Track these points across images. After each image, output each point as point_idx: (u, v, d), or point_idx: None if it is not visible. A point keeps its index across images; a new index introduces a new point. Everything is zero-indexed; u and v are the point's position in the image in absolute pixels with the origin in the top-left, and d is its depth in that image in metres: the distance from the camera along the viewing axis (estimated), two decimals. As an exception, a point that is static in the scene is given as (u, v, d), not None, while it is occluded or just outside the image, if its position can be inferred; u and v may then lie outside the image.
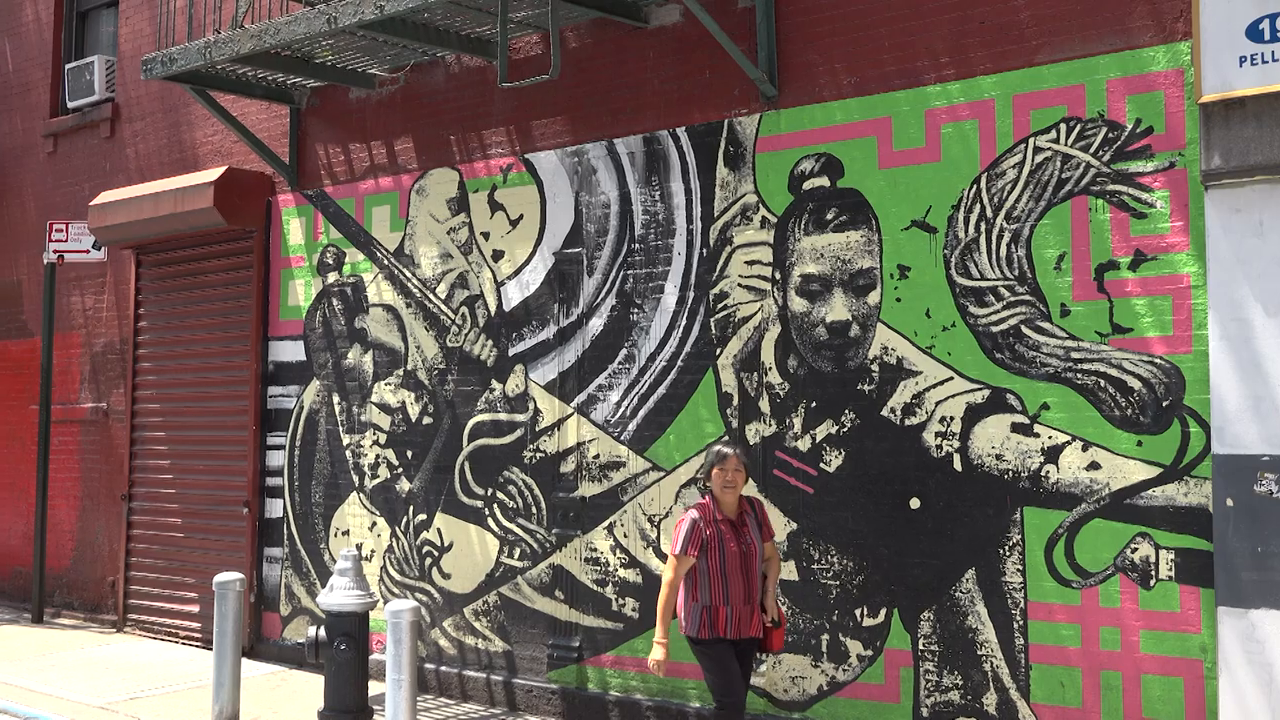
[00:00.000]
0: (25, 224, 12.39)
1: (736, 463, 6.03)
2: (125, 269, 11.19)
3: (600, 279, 7.88)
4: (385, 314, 9.05)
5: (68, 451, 11.60)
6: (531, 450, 8.12)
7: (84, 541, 11.43)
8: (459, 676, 8.37)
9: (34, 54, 12.67)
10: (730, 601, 5.96)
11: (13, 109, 12.84)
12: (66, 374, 11.67)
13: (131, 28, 11.51)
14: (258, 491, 9.80)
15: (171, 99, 10.87)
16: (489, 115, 8.54)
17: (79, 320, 11.77)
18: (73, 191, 11.80)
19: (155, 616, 10.54)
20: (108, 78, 11.63)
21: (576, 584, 7.84)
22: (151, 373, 10.91)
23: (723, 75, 7.35)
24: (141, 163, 11.24)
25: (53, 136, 12.29)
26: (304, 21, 8.05)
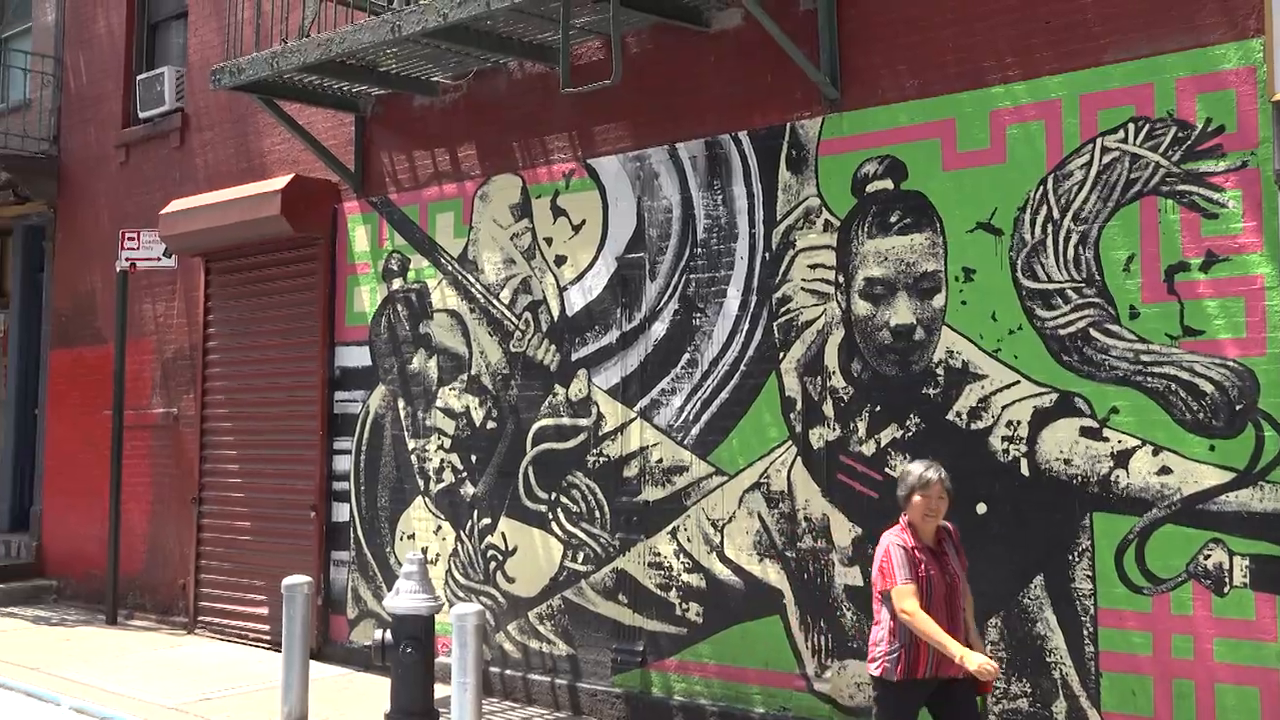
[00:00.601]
0: (99, 233, 12.63)
1: (941, 489, 5.34)
2: (195, 276, 11.36)
3: (662, 283, 7.89)
4: (449, 319, 9.12)
5: (140, 456, 11.79)
6: (594, 455, 8.14)
7: (156, 544, 11.62)
8: (523, 680, 8.40)
9: (106, 66, 12.92)
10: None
11: (86, 120, 13.09)
12: (139, 380, 11.87)
13: (200, 39, 11.70)
14: (325, 495, 9.91)
15: (239, 108, 11.03)
16: (551, 121, 8.57)
17: (151, 327, 11.97)
18: (144, 200, 12.00)
19: (225, 619, 10.69)
20: (177, 88, 11.83)
21: (640, 588, 7.85)
22: (221, 378, 11.07)
23: (784, 78, 7.32)
24: (210, 171, 11.41)
25: (125, 147, 12.52)
26: (369, 30, 8.14)
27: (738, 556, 7.40)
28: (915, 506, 5.37)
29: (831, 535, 7.01)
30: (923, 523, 5.37)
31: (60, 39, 13.52)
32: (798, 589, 7.13)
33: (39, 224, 13.73)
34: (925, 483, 5.34)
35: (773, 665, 7.19)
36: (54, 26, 13.59)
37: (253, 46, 9.49)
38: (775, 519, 7.25)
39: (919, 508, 5.36)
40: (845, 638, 6.92)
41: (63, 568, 12.92)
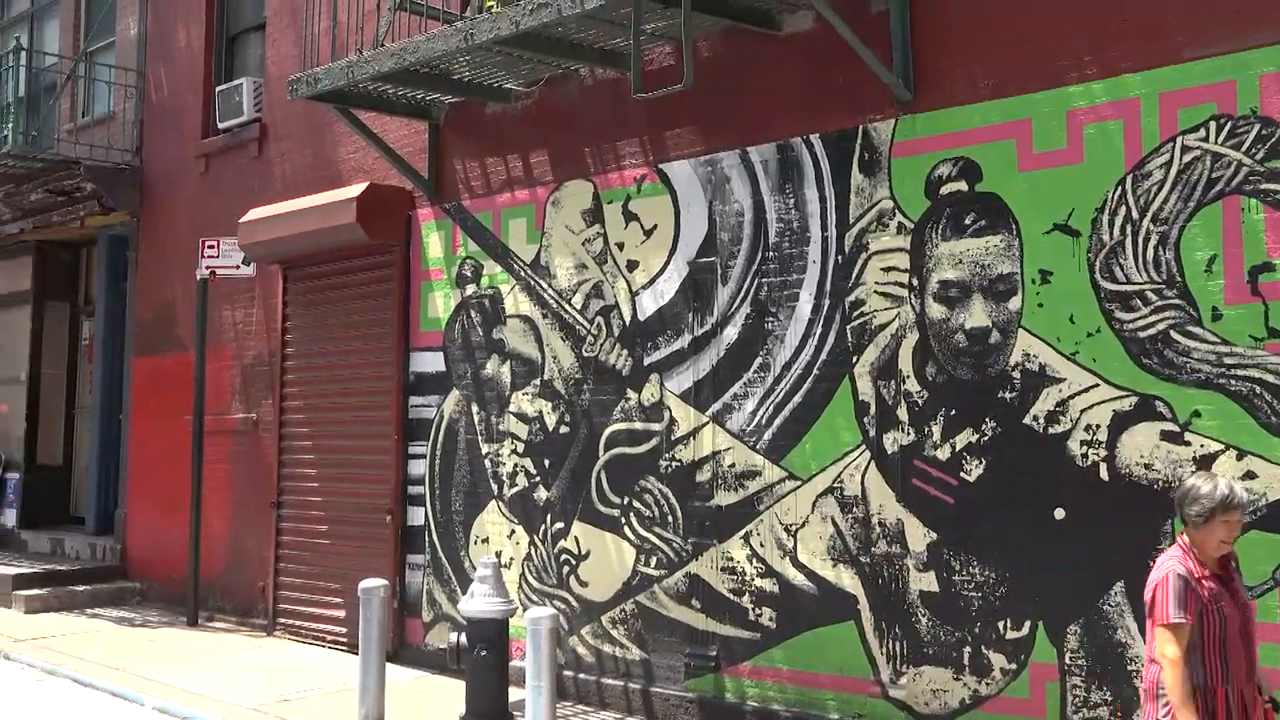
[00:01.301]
0: (180, 242, 12.87)
1: (1241, 514, 4.60)
2: (273, 284, 11.54)
3: (734, 288, 7.87)
4: (522, 325, 9.18)
5: (220, 461, 12.00)
6: (667, 459, 8.14)
7: (235, 547, 11.80)
8: (597, 684, 8.43)
9: (187, 78, 13.17)
10: (1231, 680, 4.50)
11: (168, 132, 13.36)
12: (218, 386, 12.08)
13: (278, 50, 11.89)
14: (400, 499, 10.01)
15: (315, 118, 11.19)
16: (622, 127, 8.60)
17: (230, 334, 12.17)
18: (223, 209, 12.21)
19: (303, 621, 10.84)
20: (255, 99, 12.02)
21: (713, 593, 7.83)
22: (298, 384, 11.23)
23: (857, 81, 7.28)
24: (287, 180, 11.59)
25: (204, 157, 12.75)
26: (442, 39, 8.22)
27: (811, 561, 7.36)
28: (1213, 530, 4.54)
29: (906, 540, 6.94)
30: (1217, 549, 4.58)
31: (142, 52, 13.81)
32: (872, 594, 7.07)
33: (122, 234, 14.02)
34: (1232, 503, 4.52)
35: (847, 671, 7.14)
36: (136, 40, 13.88)
37: (329, 57, 9.62)
38: (849, 524, 7.20)
39: (1218, 532, 4.54)
40: (920, 644, 6.85)
41: (145, 570, 13.18)
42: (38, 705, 8.74)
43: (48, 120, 14.15)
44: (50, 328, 15.74)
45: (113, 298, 14.43)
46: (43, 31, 16.08)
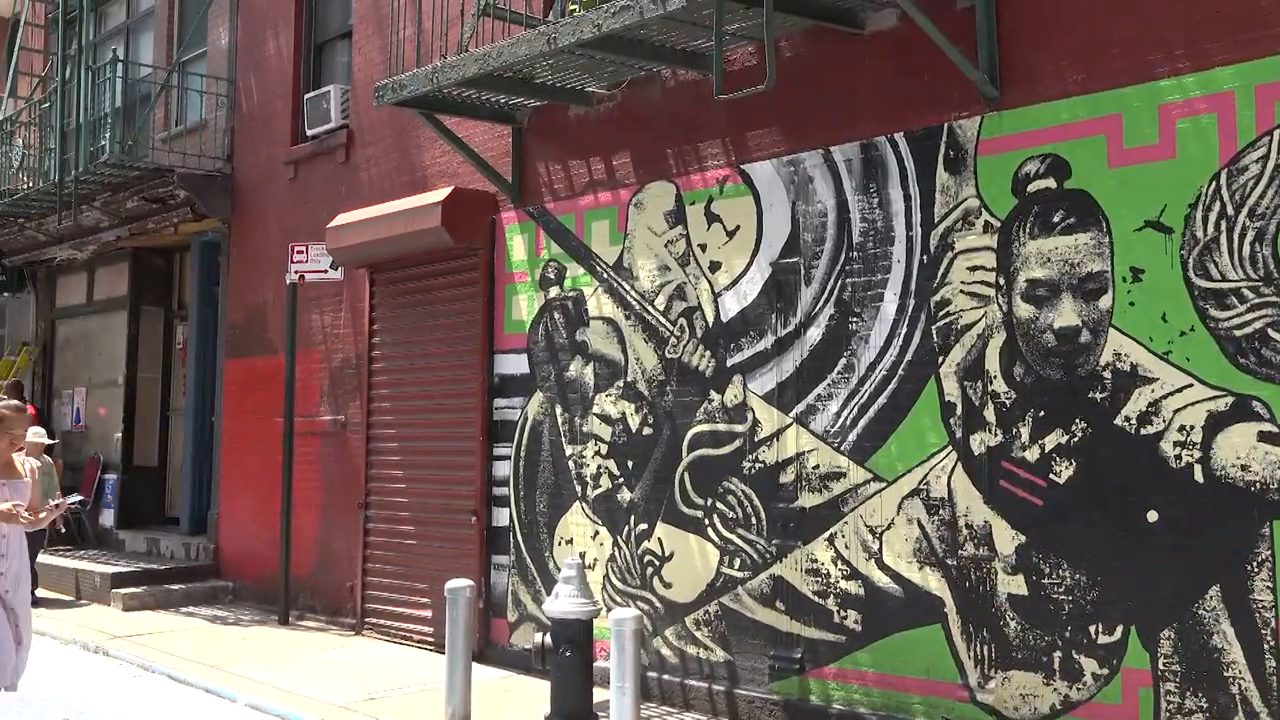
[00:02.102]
0: (270, 247, 13.11)
1: None
2: (360, 287, 11.70)
3: (818, 288, 7.83)
4: (605, 326, 9.21)
5: (309, 462, 12.19)
6: (750, 460, 8.12)
7: (324, 548, 11.99)
8: (681, 685, 8.42)
9: (276, 87, 13.41)
10: None
11: (257, 140, 13.61)
12: (307, 388, 12.27)
13: (364, 57, 12.06)
14: (485, 500, 10.09)
15: (400, 123, 11.33)
16: (704, 128, 8.60)
17: (318, 337, 12.37)
18: (312, 215, 12.41)
19: (390, 620, 10.97)
20: (342, 106, 12.21)
21: (797, 595, 7.79)
22: (385, 386, 11.37)
23: (941, 78, 7.20)
24: (374, 185, 11.75)
25: (293, 163, 12.97)
26: (525, 43, 8.28)
27: (897, 564, 7.29)
28: None
29: (994, 543, 6.85)
30: None
31: (233, 61, 14.09)
32: (959, 597, 6.99)
33: (215, 239, 14.31)
34: None
35: (934, 675, 7.06)
36: (227, 50, 14.17)
37: (414, 63, 9.74)
38: (935, 526, 7.12)
39: None
40: (1009, 648, 6.75)
41: (237, 569, 13.44)
42: (136, 700, 8.95)
43: (143, 130, 14.50)
44: (146, 332, 16.14)
45: (205, 302, 14.73)
46: (138, 43, 16.49)
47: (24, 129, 15.85)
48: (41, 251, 16.90)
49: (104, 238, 15.30)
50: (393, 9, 10.60)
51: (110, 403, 16.58)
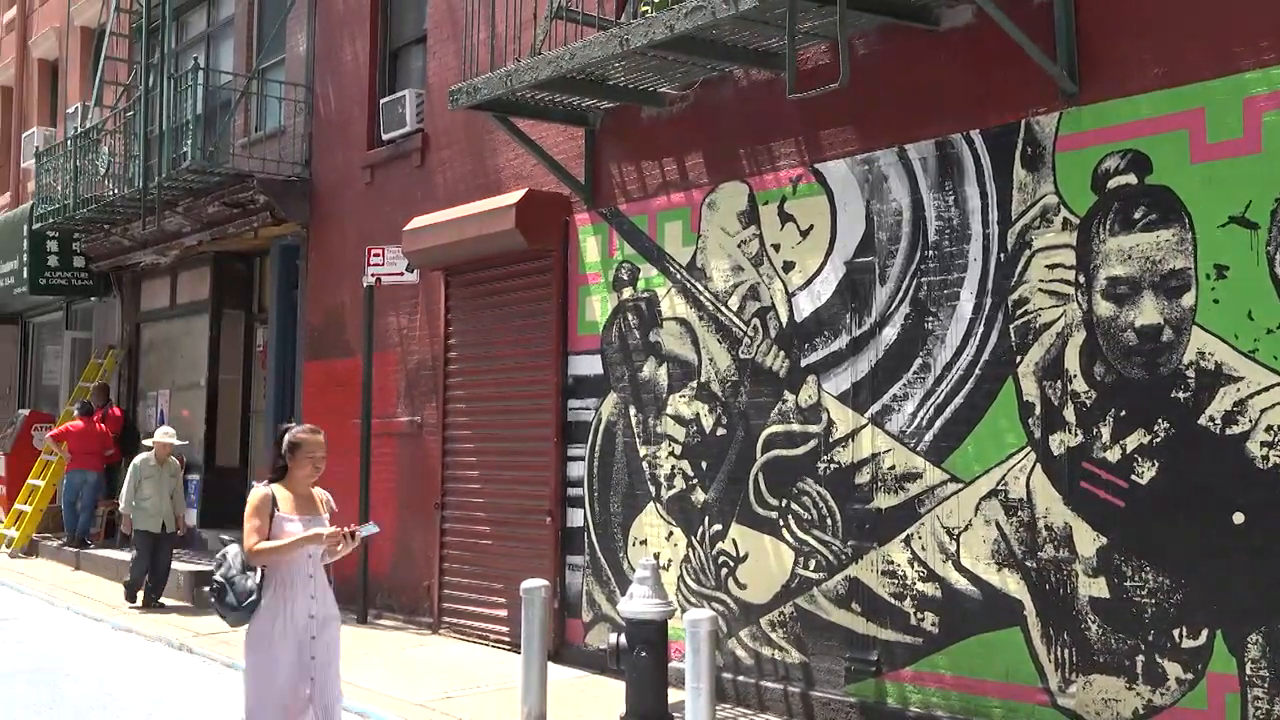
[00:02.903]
0: (346, 251, 13.28)
1: None
2: (435, 289, 11.82)
3: (893, 287, 7.77)
4: (678, 327, 9.21)
5: (386, 462, 12.33)
6: (825, 461, 8.07)
7: (402, 547, 12.11)
8: (756, 687, 8.40)
9: (352, 92, 13.58)
10: None
11: (334, 144, 13.80)
12: (384, 390, 12.41)
13: (438, 61, 12.17)
14: (559, 501, 10.14)
15: (475, 127, 11.42)
16: (777, 128, 8.57)
17: (395, 339, 12.51)
18: (388, 218, 12.55)
19: (466, 620, 11.07)
20: (417, 110, 12.33)
21: (873, 597, 7.74)
22: (461, 387, 11.47)
23: (1019, 74, 7.11)
24: (448, 188, 11.85)
25: (369, 167, 13.13)
26: (598, 45, 8.31)
27: (975, 566, 7.21)
28: None
29: (1074, 545, 6.75)
30: None
31: (311, 68, 14.29)
32: (1039, 600, 6.89)
33: (294, 243, 14.52)
34: None
35: (1013, 678, 6.97)
36: (305, 56, 14.38)
37: (488, 66, 9.81)
38: (1014, 527, 7.03)
39: None
40: (1091, 651, 6.65)
41: (317, 568, 13.59)
42: (220, 697, 9.11)
43: (223, 136, 14.75)
44: (227, 335, 16.43)
45: (285, 305, 14.94)
46: (218, 51, 16.79)
47: (110, 137, 16.19)
48: (127, 256, 17.27)
49: (186, 242, 15.60)
50: (467, 13, 10.69)
51: (193, 404, 16.89)
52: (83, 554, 15.92)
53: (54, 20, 21.08)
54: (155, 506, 13.14)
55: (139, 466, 13.29)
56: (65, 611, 13.03)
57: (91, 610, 12.88)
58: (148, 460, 13.33)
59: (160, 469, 13.31)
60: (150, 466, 13.28)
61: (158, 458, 13.31)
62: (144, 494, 13.17)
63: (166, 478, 13.33)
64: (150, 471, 13.26)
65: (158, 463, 13.29)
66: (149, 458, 13.35)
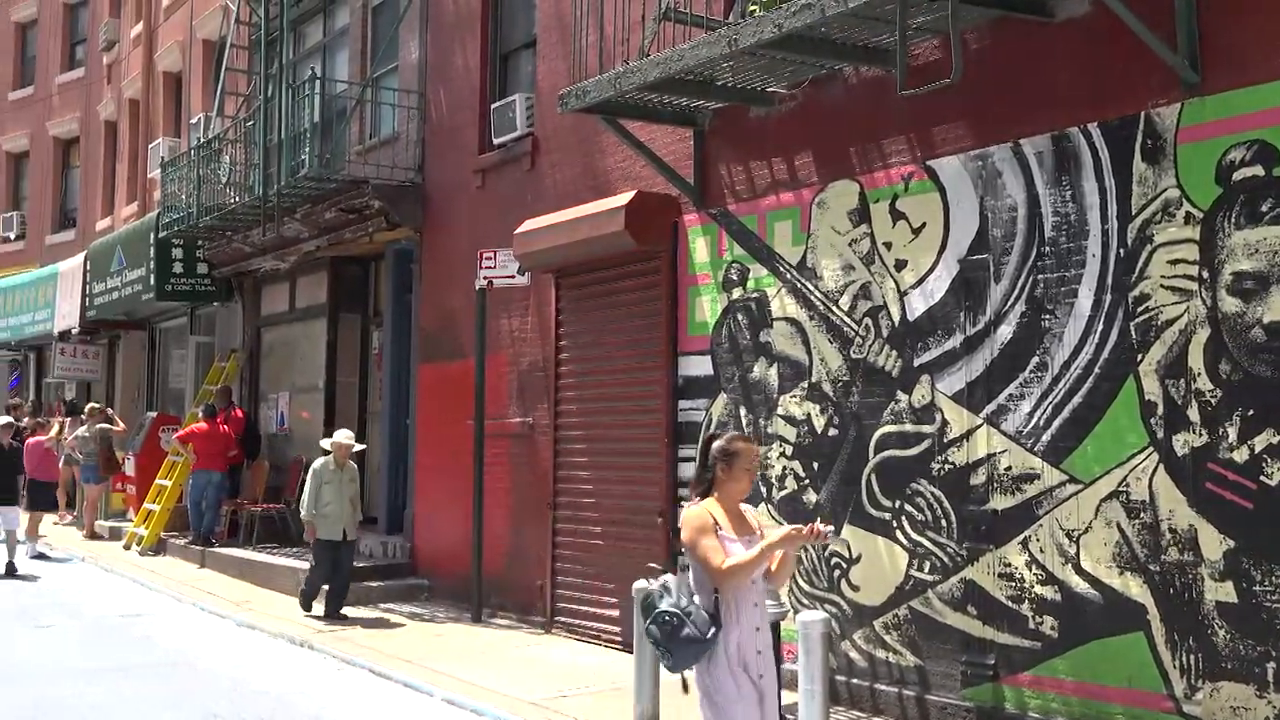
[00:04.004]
0: (459, 255, 13.45)
1: None
2: (546, 292, 11.92)
3: (1008, 285, 7.63)
4: (789, 327, 9.16)
5: (499, 463, 12.46)
6: (939, 462, 7.96)
7: (515, 547, 12.23)
8: (870, 690, 8.32)
9: (463, 98, 13.77)
10: None
11: (446, 149, 14.00)
12: (497, 391, 12.55)
13: (547, 65, 12.28)
14: (671, 501, 10.15)
15: (584, 130, 11.49)
16: (888, 125, 8.47)
17: (507, 341, 12.64)
18: (499, 221, 12.68)
19: (578, 619, 11.14)
20: (527, 114, 12.45)
21: (990, 600, 7.61)
22: (571, 389, 11.55)
23: (1137, 65, 6.93)
24: (558, 191, 11.94)
25: (481, 172, 13.29)
26: (706, 46, 8.30)
27: (1095, 569, 7.05)
28: None
29: (1200, 548, 6.56)
30: None
31: (423, 75, 14.52)
32: (1162, 604, 6.71)
33: (408, 247, 14.77)
34: None
35: (1136, 684, 6.80)
36: (417, 64, 14.61)
37: (596, 69, 9.87)
38: (1136, 530, 6.86)
39: None
40: (1218, 658, 6.45)
41: (432, 567, 13.82)
42: (339, 692, 9.31)
43: (339, 143, 15.05)
44: (344, 338, 16.76)
45: (399, 308, 15.21)
46: (334, 61, 17.14)
47: (231, 146, 16.63)
48: (247, 262, 17.73)
49: (304, 248, 15.95)
50: (575, 17, 10.77)
51: (312, 406, 17.27)
52: (208, 552, 16.37)
53: (178, 34, 21.73)
54: (335, 513, 12.35)
55: (319, 471, 12.43)
56: (191, 608, 13.41)
57: (217, 607, 13.24)
58: (327, 464, 12.49)
59: (340, 473, 12.47)
60: (330, 471, 12.44)
61: (337, 461, 12.51)
62: (324, 499, 12.35)
63: (346, 482, 12.51)
64: (330, 476, 12.41)
65: (337, 466, 12.49)
66: (328, 461, 12.51)
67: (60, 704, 8.75)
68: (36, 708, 8.61)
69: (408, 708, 8.94)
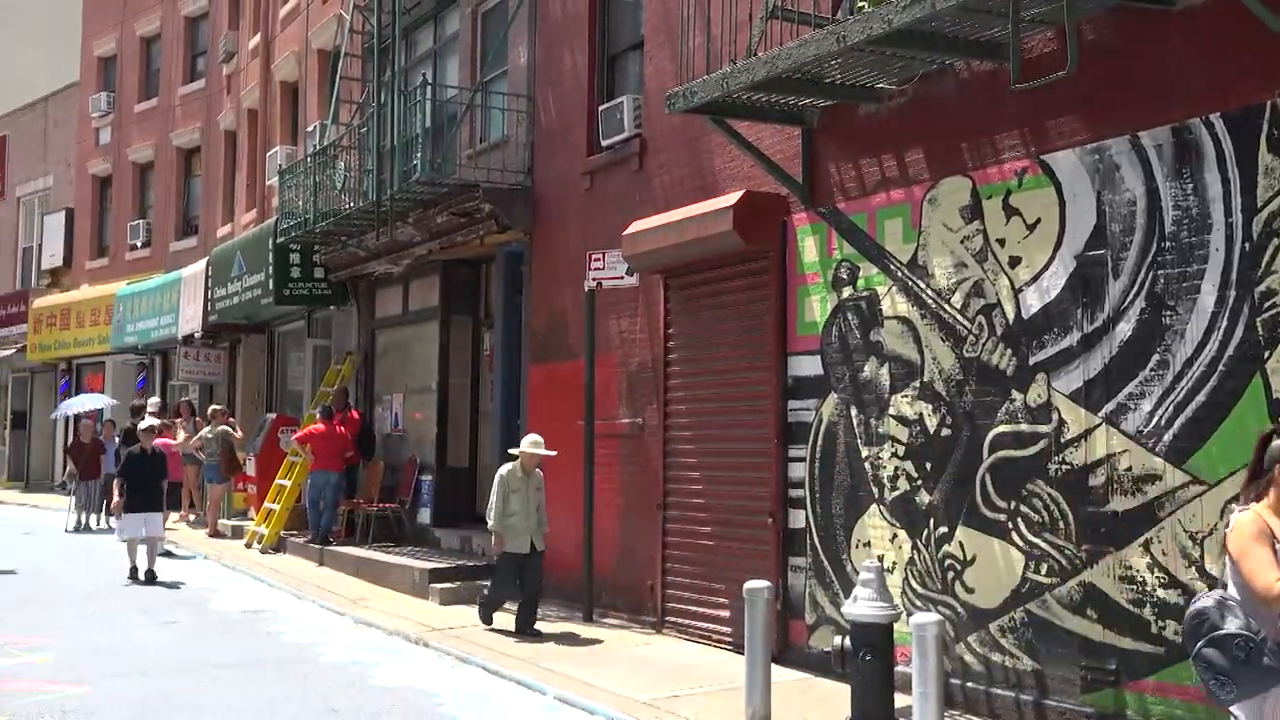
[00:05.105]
0: (568, 256, 13.55)
1: None
2: (654, 292, 11.95)
3: (1127, 281, 7.45)
4: (900, 326, 9.06)
5: (608, 463, 12.52)
6: (1056, 462, 7.80)
7: (625, 547, 12.29)
8: (986, 694, 8.19)
9: (572, 100, 13.86)
10: None
11: (555, 152, 14.11)
12: (606, 392, 12.61)
13: (655, 66, 12.31)
14: (781, 502, 10.11)
15: (691, 130, 11.50)
16: (1000, 119, 8.33)
17: (616, 342, 12.70)
18: (607, 223, 12.75)
19: (689, 619, 11.14)
20: (635, 115, 12.49)
21: (1110, 603, 7.44)
22: (680, 389, 11.56)
23: (1263, 53, 6.71)
24: (666, 192, 11.97)
25: (589, 174, 13.38)
26: (814, 44, 8.25)
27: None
28: None
29: (1333, 551, 6.33)
30: None
31: (532, 78, 14.66)
32: (1293, 610, 6.49)
33: (518, 249, 14.91)
34: None
35: (1265, 692, 6.59)
36: (526, 68, 14.75)
37: (703, 69, 9.87)
38: (1264, 532, 6.64)
39: None
40: (1353, 666, 6.22)
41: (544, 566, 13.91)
42: (455, 689, 9.45)
43: (450, 148, 15.28)
44: (455, 340, 16.99)
45: (510, 310, 15.36)
46: (444, 67, 17.40)
47: (345, 153, 16.97)
48: (362, 266, 18.08)
49: (416, 252, 16.21)
50: (682, 18, 10.78)
51: (425, 407, 17.54)
52: (326, 551, 16.71)
53: (293, 45, 22.24)
54: (522, 524, 11.68)
55: (505, 478, 11.73)
56: (311, 605, 13.72)
57: (334, 604, 13.52)
58: (514, 471, 11.78)
59: (527, 480, 11.78)
60: (518, 478, 11.75)
61: (524, 468, 11.80)
62: (510, 509, 11.66)
63: (533, 490, 11.81)
64: (517, 484, 11.73)
65: (524, 474, 11.78)
66: (515, 468, 11.79)
67: (190, 697, 9.02)
68: (168, 700, 8.89)
69: (522, 705, 9.03)
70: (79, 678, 9.50)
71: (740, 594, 8.40)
